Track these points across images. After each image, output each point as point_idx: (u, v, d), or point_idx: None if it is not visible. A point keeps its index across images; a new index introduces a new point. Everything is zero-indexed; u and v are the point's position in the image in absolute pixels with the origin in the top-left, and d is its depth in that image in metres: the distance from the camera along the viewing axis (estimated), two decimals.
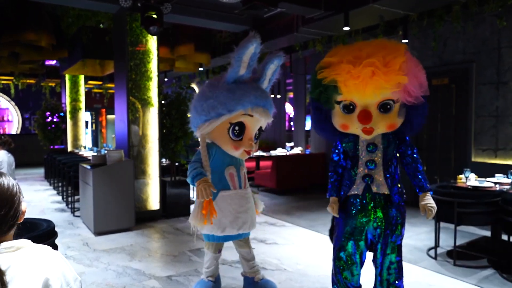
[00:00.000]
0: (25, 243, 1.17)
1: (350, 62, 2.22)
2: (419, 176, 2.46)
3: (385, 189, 2.42)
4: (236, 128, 2.60)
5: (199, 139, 2.75)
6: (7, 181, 1.17)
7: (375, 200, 2.43)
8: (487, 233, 4.79)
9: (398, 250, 2.49)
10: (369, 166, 2.44)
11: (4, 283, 1.03)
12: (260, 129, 2.71)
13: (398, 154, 2.52)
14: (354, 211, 2.47)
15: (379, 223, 2.44)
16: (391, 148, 2.45)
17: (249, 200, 2.78)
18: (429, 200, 2.43)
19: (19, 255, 1.11)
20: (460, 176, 4.45)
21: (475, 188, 4.06)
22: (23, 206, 1.23)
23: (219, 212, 2.62)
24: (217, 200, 2.65)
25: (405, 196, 2.52)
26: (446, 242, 4.43)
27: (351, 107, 2.33)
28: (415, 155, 2.49)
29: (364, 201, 2.44)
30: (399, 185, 2.48)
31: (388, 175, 2.43)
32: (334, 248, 2.64)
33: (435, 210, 2.41)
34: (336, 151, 2.62)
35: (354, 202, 2.48)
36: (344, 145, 2.55)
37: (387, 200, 2.43)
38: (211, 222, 2.58)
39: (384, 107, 2.29)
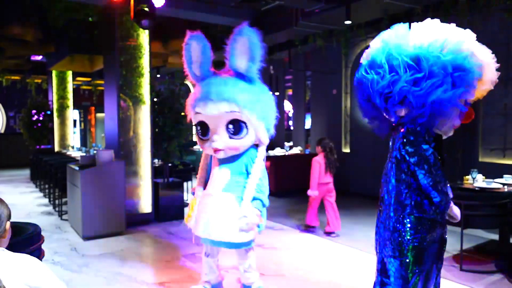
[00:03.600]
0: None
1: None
2: None
3: None
4: (198, 128, 2.77)
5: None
6: None
7: None
8: (495, 237, 4.81)
9: None
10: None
11: None
12: (235, 121, 2.63)
13: None
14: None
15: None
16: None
17: (221, 204, 2.71)
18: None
19: None
20: (467, 177, 4.47)
21: (482, 189, 4.07)
22: (7, 226, 1.23)
23: (197, 211, 2.83)
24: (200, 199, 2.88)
25: None
26: (452, 246, 4.44)
27: None
28: None
29: None
30: None
31: None
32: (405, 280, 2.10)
33: None
34: (422, 133, 2.05)
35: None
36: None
37: None
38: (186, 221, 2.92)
39: None
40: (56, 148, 10.34)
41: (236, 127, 2.65)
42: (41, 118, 10.06)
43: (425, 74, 1.96)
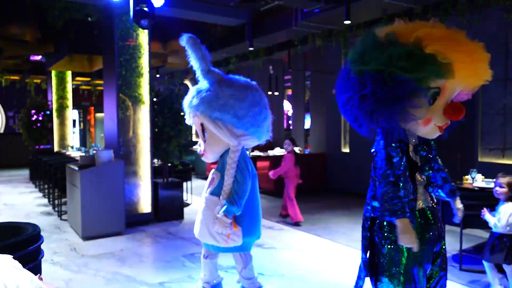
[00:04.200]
0: None
1: (468, 42, 1.91)
2: (447, 178, 2.27)
3: (433, 199, 2.21)
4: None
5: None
6: None
7: (435, 212, 2.16)
8: None
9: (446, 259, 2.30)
10: (426, 172, 2.17)
11: None
12: (202, 125, 2.74)
13: None
14: (428, 230, 2.10)
15: (442, 238, 2.18)
16: (430, 149, 2.20)
17: (206, 207, 2.74)
18: (459, 202, 2.33)
19: None
20: (466, 176, 4.47)
21: (481, 189, 4.08)
22: None
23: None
24: None
25: None
26: (452, 246, 4.45)
27: (437, 97, 2.00)
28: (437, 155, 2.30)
29: (430, 216, 2.13)
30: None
31: (438, 172, 2.21)
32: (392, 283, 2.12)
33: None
34: (399, 150, 2.03)
35: (427, 217, 2.12)
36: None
37: (436, 208, 2.22)
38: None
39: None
40: (56, 148, 10.33)
41: (204, 131, 2.74)
42: (40, 118, 10.06)
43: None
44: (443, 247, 2.21)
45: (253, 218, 2.76)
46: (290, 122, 12.15)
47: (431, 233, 2.09)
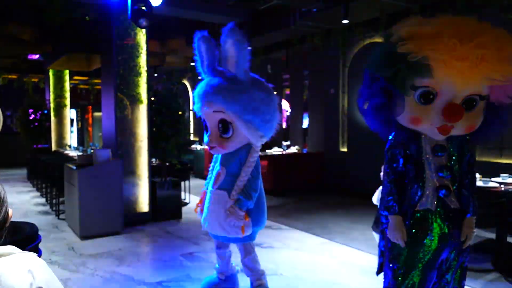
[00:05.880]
0: (12, 249, 1.16)
1: (454, 37, 1.80)
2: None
3: (459, 204, 2.13)
4: (204, 123, 2.91)
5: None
6: None
7: (450, 216, 2.09)
8: (492, 235, 4.83)
9: (465, 271, 2.24)
10: (442, 173, 2.10)
11: None
12: (223, 121, 2.74)
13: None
14: (425, 232, 2.08)
15: (453, 243, 2.11)
16: (460, 153, 2.13)
17: (215, 200, 2.85)
18: (471, 225, 2.14)
19: (6, 263, 1.10)
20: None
21: (479, 188, 4.08)
22: (10, 211, 1.22)
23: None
24: None
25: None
26: None
27: (431, 96, 1.94)
28: (472, 167, 2.17)
29: (437, 217, 2.08)
30: (473, 198, 2.17)
31: (463, 186, 2.13)
32: (393, 284, 2.17)
33: (471, 238, 2.15)
34: (397, 151, 2.15)
35: (426, 220, 2.08)
36: (404, 144, 2.14)
37: (459, 214, 2.13)
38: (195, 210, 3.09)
39: (469, 103, 1.93)
40: (53, 147, 10.30)
41: (224, 127, 2.76)
42: (38, 117, 10.02)
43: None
44: (455, 257, 2.14)
45: (261, 209, 2.93)
46: (287, 121, 12.14)
47: (430, 237, 2.06)
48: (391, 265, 2.16)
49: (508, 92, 1.92)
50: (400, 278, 2.11)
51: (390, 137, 2.20)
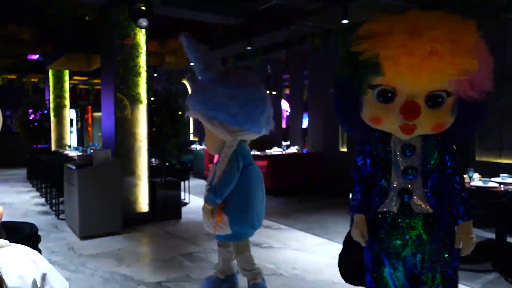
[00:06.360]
0: (5, 242, 1.16)
1: (405, 32, 1.75)
2: (456, 198, 2.03)
3: (428, 207, 1.99)
4: None
5: None
6: None
7: (413, 218, 1.99)
8: (492, 236, 4.83)
9: (449, 283, 2.05)
10: (408, 175, 2.00)
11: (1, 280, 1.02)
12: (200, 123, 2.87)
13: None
14: (386, 233, 2.02)
15: (419, 248, 1.99)
16: (435, 154, 2.00)
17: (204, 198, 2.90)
18: (466, 230, 2.01)
19: (7, 252, 1.11)
20: (464, 176, 4.47)
21: (479, 188, 4.09)
22: (0, 208, 1.21)
23: None
24: None
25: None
26: None
27: (390, 94, 1.88)
28: (457, 167, 2.04)
29: (399, 220, 1.99)
30: (446, 201, 2.05)
31: (432, 189, 2.00)
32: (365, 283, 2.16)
33: (473, 246, 2.03)
34: (360, 151, 2.17)
35: (386, 221, 2.02)
36: (372, 145, 2.11)
37: (429, 219, 1.99)
38: None
39: (434, 99, 1.84)
40: (53, 148, 10.30)
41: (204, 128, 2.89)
42: (37, 118, 10.02)
43: None
44: (431, 264, 2.00)
45: (242, 209, 2.79)
46: (286, 121, 12.15)
47: (398, 241, 1.98)
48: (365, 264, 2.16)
49: (475, 87, 1.81)
50: (374, 272, 2.10)
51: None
